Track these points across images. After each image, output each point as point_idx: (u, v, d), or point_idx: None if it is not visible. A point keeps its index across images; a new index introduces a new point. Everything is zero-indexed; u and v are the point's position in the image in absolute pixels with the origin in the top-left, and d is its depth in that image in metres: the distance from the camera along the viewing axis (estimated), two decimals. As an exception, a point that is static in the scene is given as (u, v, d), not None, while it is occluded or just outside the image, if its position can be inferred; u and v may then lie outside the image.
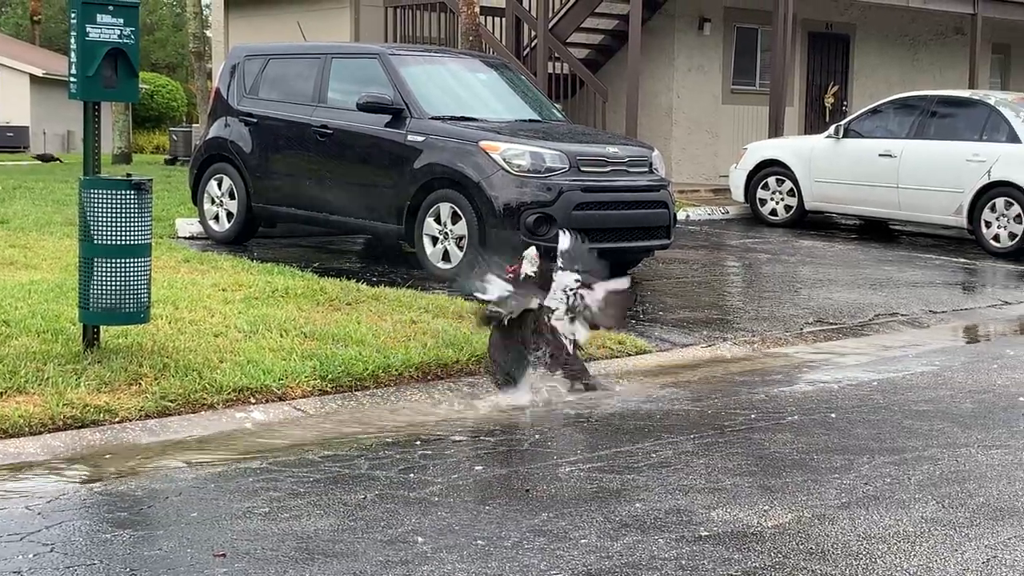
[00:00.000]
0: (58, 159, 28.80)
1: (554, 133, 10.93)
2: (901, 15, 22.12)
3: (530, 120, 11.41)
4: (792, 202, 15.95)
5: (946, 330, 9.80)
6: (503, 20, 19.33)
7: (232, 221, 12.10)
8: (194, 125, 27.67)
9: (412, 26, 19.91)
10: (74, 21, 6.50)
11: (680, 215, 14.37)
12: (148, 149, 41.48)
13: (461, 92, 11.52)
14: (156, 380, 6.39)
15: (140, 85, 7.37)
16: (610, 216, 10.31)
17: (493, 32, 18.97)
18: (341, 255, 12.03)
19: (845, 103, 21.86)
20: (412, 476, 5.36)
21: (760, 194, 16.20)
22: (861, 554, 4.52)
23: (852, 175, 15.30)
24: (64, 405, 5.94)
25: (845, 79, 22.12)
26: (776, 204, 16.11)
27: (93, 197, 6.45)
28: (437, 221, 10.41)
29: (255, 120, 11.91)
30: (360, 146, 11.07)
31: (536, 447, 6.04)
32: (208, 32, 27.77)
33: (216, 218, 12.24)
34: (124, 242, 6.47)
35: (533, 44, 18.91)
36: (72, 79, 6.56)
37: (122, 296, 6.50)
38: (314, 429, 6.18)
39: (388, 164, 10.83)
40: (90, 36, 6.47)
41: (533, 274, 7.16)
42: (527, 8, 18.86)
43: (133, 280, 6.51)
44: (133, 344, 6.92)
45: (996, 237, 14.06)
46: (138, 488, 5.12)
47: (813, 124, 21.16)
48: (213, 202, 12.23)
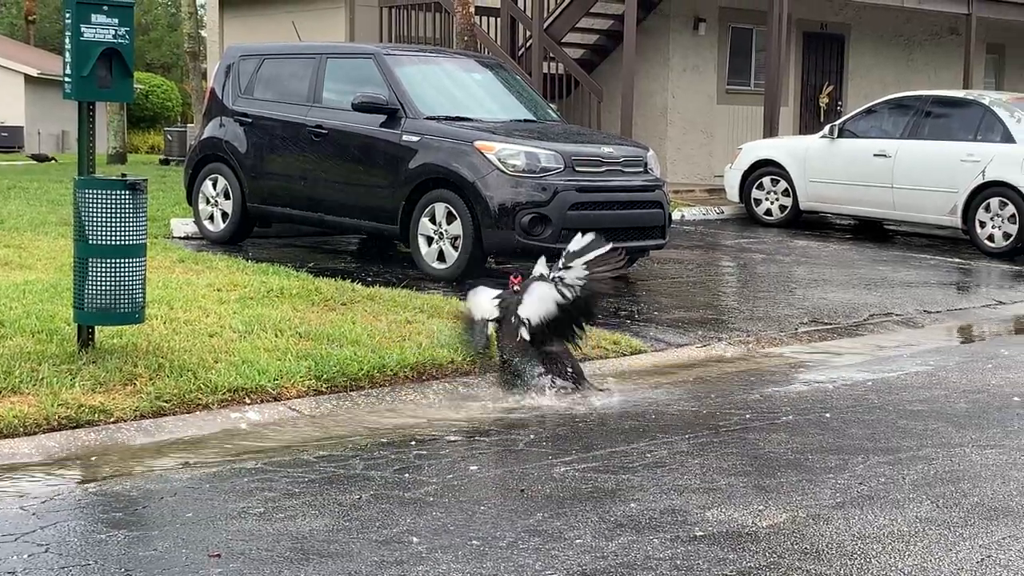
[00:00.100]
0: (53, 159, 28.77)
1: (549, 133, 10.94)
2: (896, 15, 22.14)
3: (525, 120, 11.41)
4: (787, 202, 15.96)
5: (941, 330, 9.81)
6: (498, 20, 19.32)
7: (227, 221, 12.09)
8: (189, 125, 27.66)
9: (407, 26, 19.91)
10: (69, 21, 6.49)
11: (675, 215, 14.39)
12: (143, 149, 41.47)
13: (456, 92, 11.52)
14: (151, 380, 6.39)
15: (135, 85, 7.36)
16: (605, 216, 10.32)
17: (488, 32, 18.97)
18: (336, 255, 12.03)
19: (840, 103, 21.88)
20: (407, 476, 5.36)
21: (755, 194, 16.21)
22: (856, 554, 4.53)
23: (847, 175, 15.31)
24: (59, 405, 5.93)
25: (840, 79, 22.14)
26: (771, 204, 16.12)
27: (88, 197, 6.45)
28: (432, 221, 10.41)
29: (250, 120, 11.90)
30: (355, 146, 11.07)
31: (531, 447, 6.04)
32: (203, 32, 27.75)
33: (211, 218, 12.23)
34: (119, 242, 6.46)
35: (528, 44, 18.91)
36: (67, 79, 6.56)
37: (117, 296, 6.49)
38: (309, 429, 6.18)
39: (383, 164, 10.83)
40: (85, 36, 6.47)
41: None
42: (522, 8, 18.87)
43: (128, 280, 6.51)
44: (128, 344, 6.92)
45: (991, 237, 14.07)
46: (133, 488, 5.12)
47: (808, 124, 21.17)
48: (208, 202, 12.23)
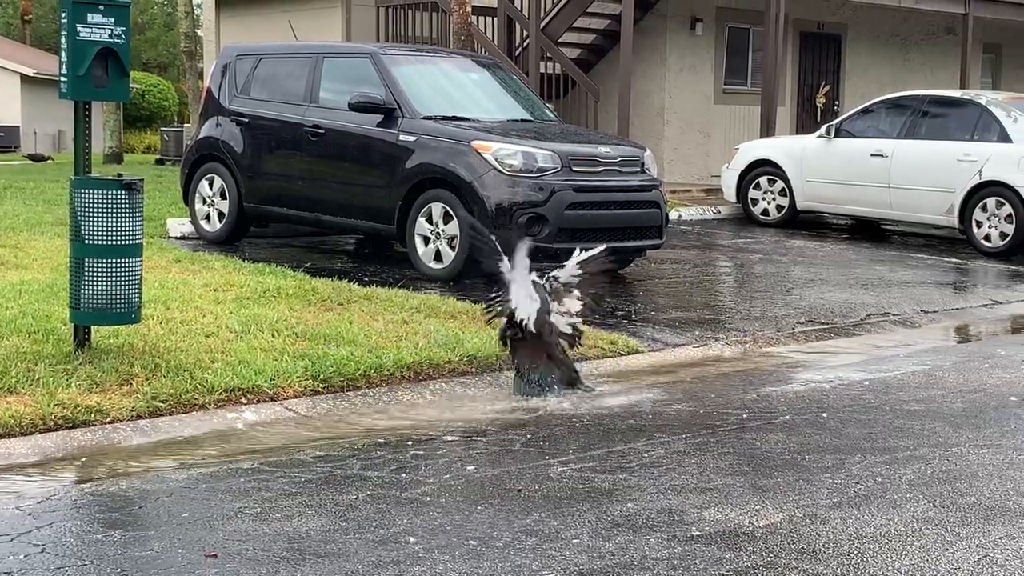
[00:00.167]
0: (50, 158, 28.76)
1: (546, 133, 10.94)
2: (893, 15, 22.15)
3: (522, 120, 11.41)
4: (784, 202, 15.97)
5: (937, 330, 9.81)
6: (495, 20, 19.32)
7: (223, 221, 12.08)
8: (185, 125, 27.66)
9: (404, 26, 19.91)
10: (65, 20, 6.48)
11: (672, 215, 14.39)
12: (139, 149, 41.48)
13: (453, 92, 11.52)
14: (147, 380, 6.38)
15: (131, 84, 7.35)
16: (602, 216, 10.33)
17: (485, 32, 18.97)
18: (333, 255, 12.02)
19: (837, 103, 21.88)
20: (404, 476, 5.35)
21: (752, 194, 16.22)
22: (852, 553, 4.52)
23: (844, 175, 15.32)
24: (55, 405, 5.92)
25: (837, 79, 22.15)
26: (768, 204, 16.12)
27: (84, 197, 6.44)
28: (429, 221, 10.41)
29: (246, 120, 11.89)
30: (352, 146, 11.06)
31: (528, 447, 6.03)
32: (199, 31, 27.72)
33: (207, 218, 12.22)
34: (115, 242, 6.46)
35: (525, 44, 18.91)
36: (63, 79, 6.55)
37: (113, 296, 6.48)
38: (305, 429, 6.17)
39: (380, 164, 10.82)
40: (81, 35, 6.46)
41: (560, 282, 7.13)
42: (519, 8, 18.86)
43: (124, 280, 6.50)
44: (124, 344, 6.91)
45: (987, 237, 14.08)
46: (129, 488, 5.11)
47: (805, 124, 21.18)
48: (204, 202, 12.21)
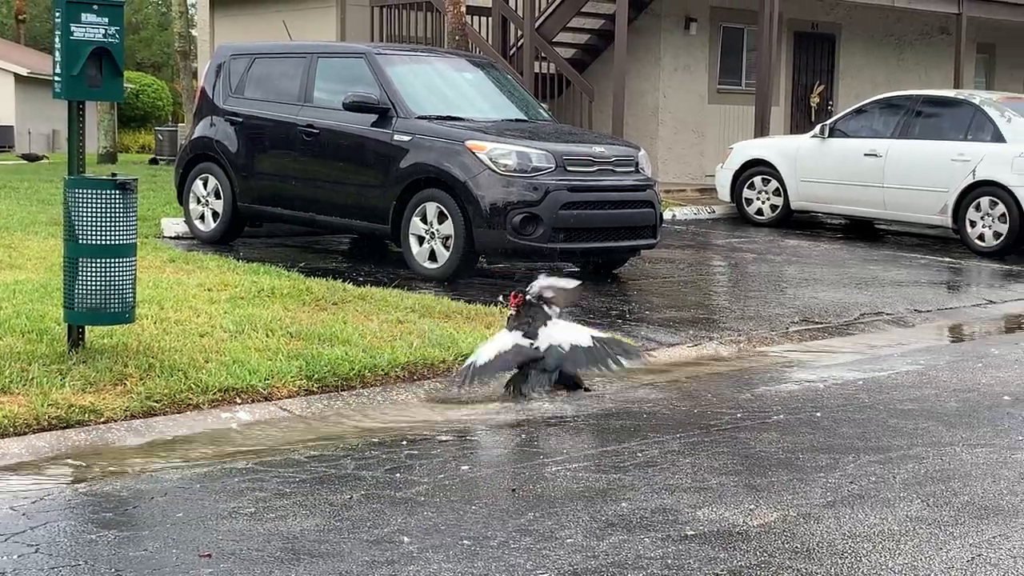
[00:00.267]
0: (44, 158, 28.72)
1: (540, 133, 10.94)
2: (887, 15, 22.17)
3: (516, 120, 11.41)
4: (778, 202, 15.98)
5: (931, 329, 9.82)
6: (489, 19, 19.33)
7: (218, 221, 12.07)
8: (180, 124, 27.64)
9: (398, 25, 19.90)
10: (59, 20, 6.48)
11: (666, 215, 14.40)
12: (134, 148, 41.41)
13: (447, 91, 11.52)
14: (141, 380, 6.38)
15: (125, 84, 7.34)
16: (596, 216, 10.33)
17: (479, 31, 18.97)
18: (327, 255, 12.02)
19: (831, 103, 21.90)
20: (398, 476, 5.35)
21: (746, 194, 16.23)
22: (846, 553, 4.53)
23: (838, 175, 15.33)
24: (49, 405, 5.92)
25: (831, 79, 22.16)
26: (762, 204, 16.13)
27: (78, 197, 6.43)
28: (423, 221, 10.41)
29: (241, 119, 11.89)
30: (346, 146, 11.06)
31: (522, 447, 6.03)
32: (194, 31, 27.71)
33: (202, 218, 12.21)
34: (109, 242, 6.45)
35: (519, 43, 18.91)
36: (57, 78, 6.54)
37: (107, 296, 6.48)
38: (300, 429, 6.17)
39: (374, 164, 10.82)
40: (75, 35, 6.45)
41: (539, 300, 7.11)
42: (513, 7, 18.86)
43: (118, 280, 6.50)
44: (118, 344, 6.91)
45: (981, 236, 14.10)
46: (123, 488, 5.11)
47: (799, 124, 21.20)
48: (199, 202, 12.21)
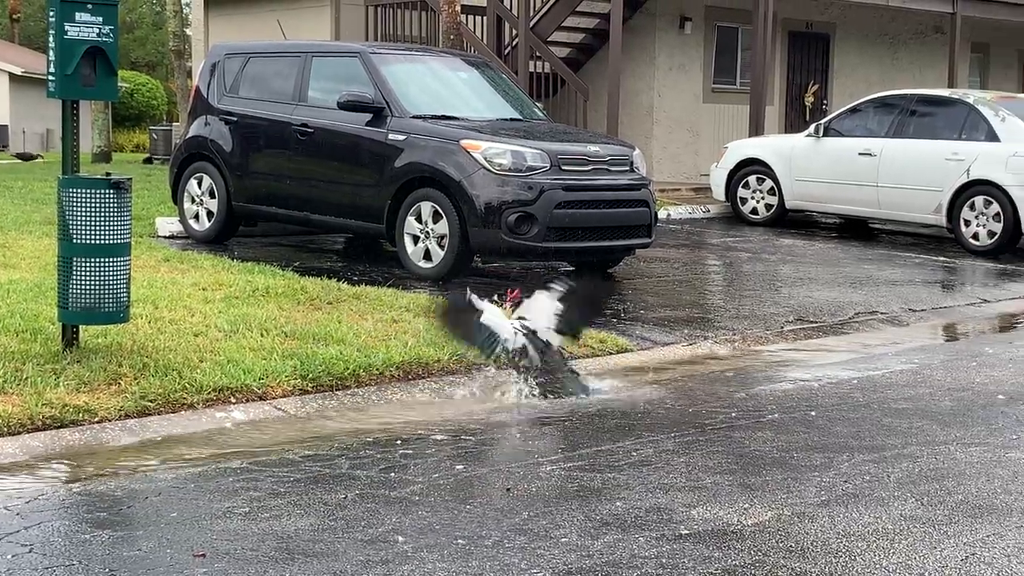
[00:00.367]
0: (39, 157, 28.70)
1: (535, 132, 10.94)
2: (881, 14, 22.19)
3: (511, 119, 11.40)
4: (773, 201, 15.99)
5: (925, 328, 9.83)
6: (484, 19, 19.31)
7: (212, 220, 12.06)
8: (174, 124, 27.60)
9: (393, 25, 19.89)
10: (53, 19, 6.47)
11: (661, 214, 14.41)
12: (128, 148, 41.40)
13: (442, 91, 11.51)
14: (136, 380, 6.37)
15: (119, 83, 7.34)
16: (591, 215, 10.33)
17: (474, 31, 18.96)
18: (322, 254, 12.01)
19: (825, 102, 21.92)
20: (393, 475, 5.35)
21: (741, 193, 16.24)
22: (840, 552, 4.53)
23: (832, 174, 15.34)
24: (43, 405, 5.91)
25: (825, 78, 22.18)
26: (757, 203, 16.14)
27: (72, 196, 6.42)
28: (418, 220, 10.40)
29: (235, 119, 11.87)
30: (341, 145, 11.05)
31: (517, 446, 6.04)
32: (188, 30, 27.67)
33: (196, 217, 12.20)
34: (103, 241, 6.44)
35: (514, 43, 18.91)
36: (51, 77, 6.53)
37: (101, 296, 6.47)
38: (294, 429, 6.16)
39: (369, 163, 10.81)
40: (69, 34, 6.44)
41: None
42: (508, 7, 18.86)
43: (112, 279, 6.49)
44: (113, 344, 6.90)
45: (975, 235, 14.11)
46: (117, 488, 5.10)
47: (793, 123, 21.22)
48: (193, 201, 12.19)
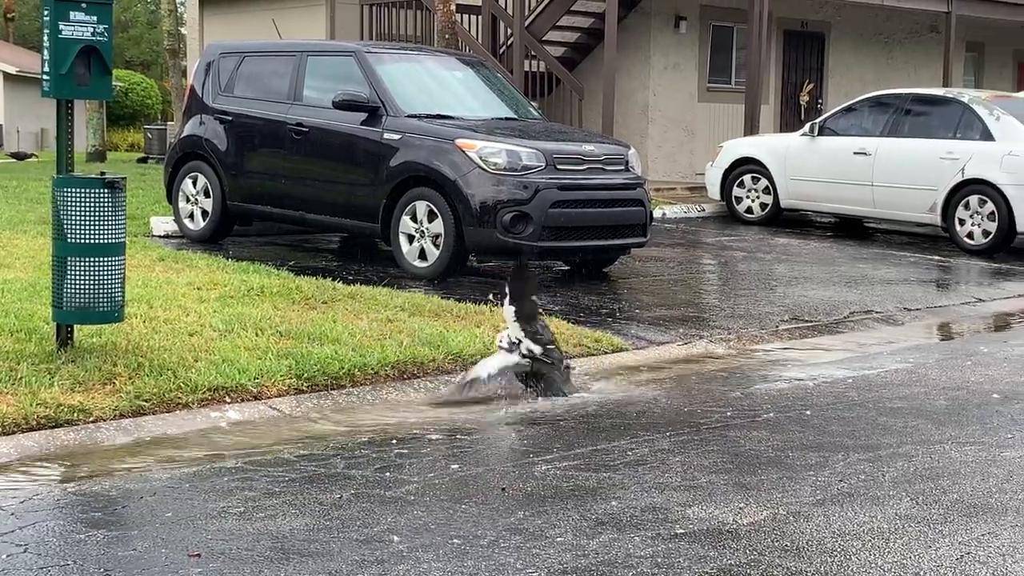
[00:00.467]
0: (33, 156, 28.66)
1: (530, 131, 10.94)
2: (876, 13, 22.21)
3: (506, 118, 11.40)
4: (768, 200, 15.99)
5: (920, 327, 9.84)
6: (479, 18, 19.32)
7: (207, 219, 12.05)
8: (169, 123, 27.58)
9: (388, 24, 19.89)
10: (47, 18, 6.45)
11: (656, 213, 14.41)
12: (123, 147, 41.33)
13: (437, 90, 11.51)
14: (130, 379, 6.36)
15: (114, 83, 7.32)
16: (586, 214, 10.33)
17: (469, 30, 18.96)
18: (317, 253, 12.00)
19: (820, 101, 21.94)
20: (388, 475, 5.35)
21: (736, 192, 16.24)
22: (836, 551, 4.54)
23: (827, 173, 15.35)
24: (37, 405, 5.90)
25: (820, 77, 22.20)
26: (752, 202, 16.15)
27: (66, 196, 6.41)
28: (413, 219, 10.40)
29: (230, 118, 11.86)
30: (336, 144, 11.05)
31: (512, 446, 6.04)
32: (183, 29, 27.66)
33: (191, 216, 12.19)
34: (98, 241, 6.43)
35: (509, 42, 18.90)
36: (45, 77, 6.52)
37: (96, 295, 6.46)
38: (290, 428, 6.16)
39: (364, 162, 10.81)
40: (63, 33, 6.43)
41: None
42: (503, 6, 18.86)
43: (107, 279, 6.48)
44: (107, 343, 6.89)
45: (970, 235, 14.13)
46: (112, 488, 5.09)
47: (788, 122, 21.22)
48: (188, 200, 12.18)
